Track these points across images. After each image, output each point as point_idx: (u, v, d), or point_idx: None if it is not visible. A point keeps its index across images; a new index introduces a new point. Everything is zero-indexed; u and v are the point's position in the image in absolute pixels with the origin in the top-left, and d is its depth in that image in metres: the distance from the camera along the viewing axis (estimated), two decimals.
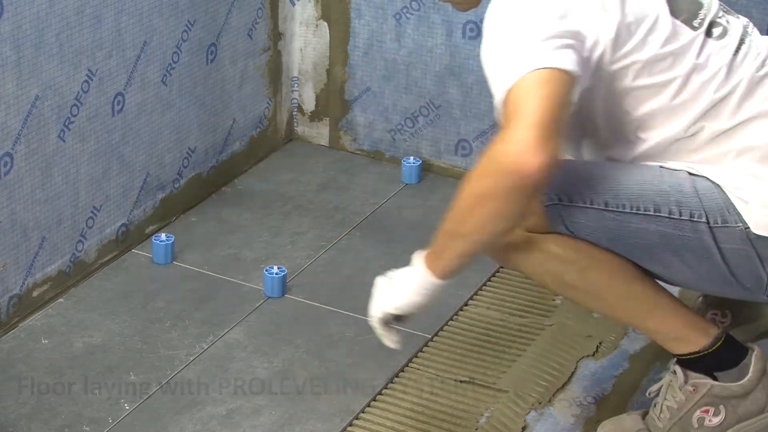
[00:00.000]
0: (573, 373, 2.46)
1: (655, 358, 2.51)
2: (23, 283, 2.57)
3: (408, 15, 3.15)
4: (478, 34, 3.08)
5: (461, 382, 2.43)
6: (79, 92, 2.59)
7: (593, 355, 2.52)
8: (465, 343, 2.55)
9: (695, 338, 2.13)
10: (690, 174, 2.05)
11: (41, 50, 2.47)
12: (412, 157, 3.22)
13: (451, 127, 3.21)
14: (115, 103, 2.71)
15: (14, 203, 2.50)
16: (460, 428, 2.31)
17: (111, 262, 2.80)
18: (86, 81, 2.61)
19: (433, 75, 3.18)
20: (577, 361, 2.49)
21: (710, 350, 2.13)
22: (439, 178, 3.22)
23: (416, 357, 2.51)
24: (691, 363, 2.16)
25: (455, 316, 2.64)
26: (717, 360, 2.14)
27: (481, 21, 3.09)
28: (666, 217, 2.03)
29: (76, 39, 2.55)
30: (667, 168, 2.05)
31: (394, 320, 2.10)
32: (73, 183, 2.65)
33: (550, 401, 2.38)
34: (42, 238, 2.59)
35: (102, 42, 2.63)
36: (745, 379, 2.14)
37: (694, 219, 2.03)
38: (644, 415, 2.25)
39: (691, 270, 2.08)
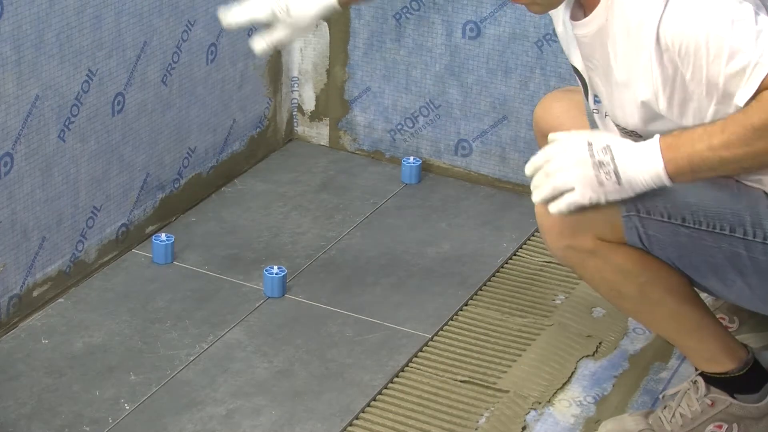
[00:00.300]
0: (573, 373, 2.46)
1: (655, 358, 2.51)
2: (23, 283, 2.57)
3: (408, 15, 3.15)
4: (478, 34, 3.08)
5: (461, 382, 2.43)
6: (79, 92, 2.59)
7: (593, 355, 2.52)
8: (465, 343, 2.55)
9: (726, 361, 2.16)
10: (766, 194, 2.02)
11: (41, 50, 2.47)
12: (412, 157, 3.22)
13: (451, 127, 3.20)
14: (115, 103, 2.71)
15: (14, 203, 2.50)
16: (460, 428, 2.30)
17: (111, 262, 2.80)
18: (86, 81, 2.61)
19: (433, 75, 3.18)
20: (577, 361, 2.49)
21: (737, 374, 2.16)
22: (439, 178, 3.22)
23: (416, 357, 2.51)
24: (714, 380, 2.18)
25: (455, 316, 2.64)
26: (741, 383, 2.17)
27: (481, 21, 3.12)
28: (740, 237, 2.01)
29: (76, 39, 2.55)
30: (744, 185, 2.02)
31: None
32: (73, 183, 2.65)
33: (550, 401, 2.38)
34: (42, 238, 2.59)
35: (102, 42, 2.63)
36: (764, 402, 2.17)
37: (767, 242, 2.02)
38: (646, 415, 2.25)
39: (751, 290, 2.07)
